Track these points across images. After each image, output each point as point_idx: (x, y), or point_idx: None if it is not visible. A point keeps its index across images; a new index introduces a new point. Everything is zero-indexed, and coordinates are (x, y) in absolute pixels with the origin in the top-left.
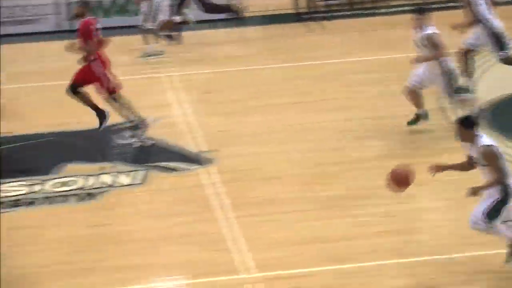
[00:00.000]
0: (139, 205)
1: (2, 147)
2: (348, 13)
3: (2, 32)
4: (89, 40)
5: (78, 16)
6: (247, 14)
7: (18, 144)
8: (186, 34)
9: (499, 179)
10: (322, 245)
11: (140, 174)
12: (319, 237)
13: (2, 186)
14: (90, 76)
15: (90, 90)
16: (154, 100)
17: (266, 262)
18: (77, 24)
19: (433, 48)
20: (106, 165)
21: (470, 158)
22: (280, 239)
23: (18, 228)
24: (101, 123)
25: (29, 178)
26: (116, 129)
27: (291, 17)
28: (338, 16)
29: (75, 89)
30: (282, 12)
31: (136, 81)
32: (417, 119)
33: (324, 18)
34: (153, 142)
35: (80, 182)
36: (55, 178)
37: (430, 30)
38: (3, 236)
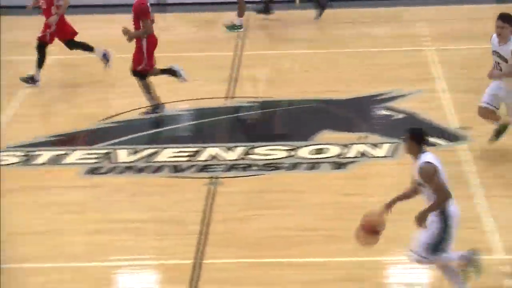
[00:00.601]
0: (387, 178)
1: (265, 110)
2: None
3: None
4: (146, 20)
5: None
6: None
7: (282, 108)
8: None
9: (444, 198)
10: None
11: (391, 146)
12: None
13: (262, 149)
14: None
15: None
16: (414, 73)
17: None
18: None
19: None
20: (361, 135)
21: (412, 181)
22: None
23: (270, 192)
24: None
25: (288, 143)
26: (376, 100)
27: None
28: None
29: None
30: None
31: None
32: (499, 132)
33: None
34: (406, 115)
35: (335, 151)
36: (311, 145)
37: None
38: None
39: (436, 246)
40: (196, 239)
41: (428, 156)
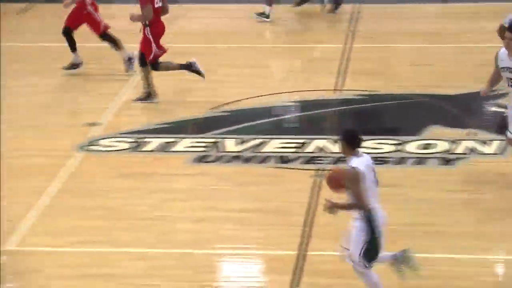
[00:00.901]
0: (496, 175)
1: (373, 104)
2: None
3: None
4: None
5: None
6: None
7: (390, 102)
8: None
9: (358, 205)
10: None
11: (501, 144)
12: None
13: (370, 142)
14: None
15: None
16: None
17: None
18: None
19: None
20: (470, 131)
21: None
22: None
23: None
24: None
25: (396, 137)
26: (486, 96)
27: None
28: None
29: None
30: None
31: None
32: None
33: None
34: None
35: (443, 146)
36: (419, 140)
37: None
38: None
39: (366, 255)
40: (300, 230)
41: (357, 160)
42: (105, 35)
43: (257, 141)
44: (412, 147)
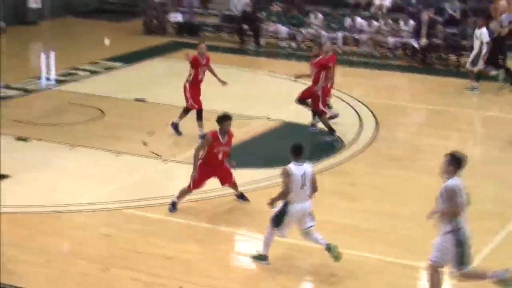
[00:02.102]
0: None
1: None
2: None
3: None
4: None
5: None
6: None
7: None
8: None
9: (281, 197)
10: None
11: None
12: None
13: None
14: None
15: None
16: None
17: None
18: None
19: None
20: None
21: None
22: None
23: None
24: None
25: None
26: None
27: None
28: None
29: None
30: None
31: None
32: None
33: None
34: None
35: None
36: None
37: None
38: None
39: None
40: None
41: (291, 164)
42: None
43: None
44: None
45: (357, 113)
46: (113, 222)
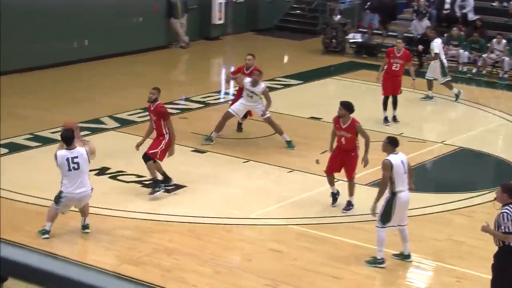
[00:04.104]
0: None
1: None
2: None
3: None
4: None
5: None
6: None
7: None
8: None
9: (382, 187)
10: None
11: None
12: None
13: None
14: None
15: None
16: None
17: None
18: None
19: None
20: None
21: None
22: None
23: None
24: None
25: None
26: None
27: None
28: None
29: None
30: None
31: None
32: None
33: None
34: None
35: None
36: None
37: None
38: None
39: None
40: None
41: (389, 156)
42: None
43: None
44: None
45: None
46: (282, 238)
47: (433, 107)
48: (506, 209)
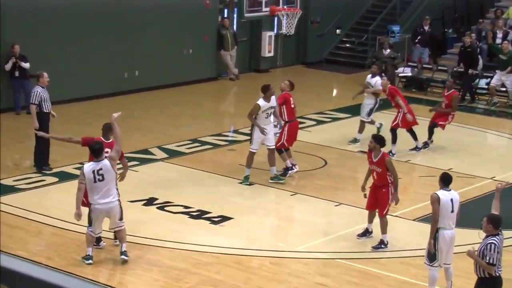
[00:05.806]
0: None
1: None
2: None
3: None
4: None
5: None
6: None
7: None
8: None
9: (434, 222)
10: None
11: None
12: None
13: None
14: None
15: None
16: None
17: None
18: None
19: None
20: None
21: None
22: None
23: None
24: None
25: None
26: None
27: None
28: None
29: None
30: None
31: None
32: None
33: None
34: None
35: None
36: None
37: None
38: None
39: None
40: None
41: (440, 190)
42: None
43: None
44: None
45: None
46: (329, 272)
47: (482, 143)
48: (494, 240)
